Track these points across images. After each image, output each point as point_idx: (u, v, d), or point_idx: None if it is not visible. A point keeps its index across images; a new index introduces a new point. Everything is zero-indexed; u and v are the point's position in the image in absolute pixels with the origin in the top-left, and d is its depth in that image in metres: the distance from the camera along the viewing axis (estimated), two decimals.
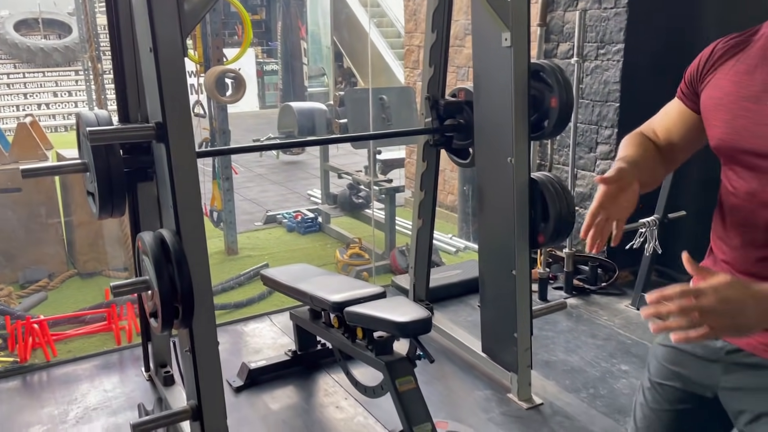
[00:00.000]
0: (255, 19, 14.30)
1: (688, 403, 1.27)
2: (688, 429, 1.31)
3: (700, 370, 1.23)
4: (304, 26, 11.11)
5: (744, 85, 1.12)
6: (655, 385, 1.32)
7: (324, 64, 12.87)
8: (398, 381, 2.12)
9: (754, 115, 1.09)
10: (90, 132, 1.75)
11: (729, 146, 1.15)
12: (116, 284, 1.80)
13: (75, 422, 2.49)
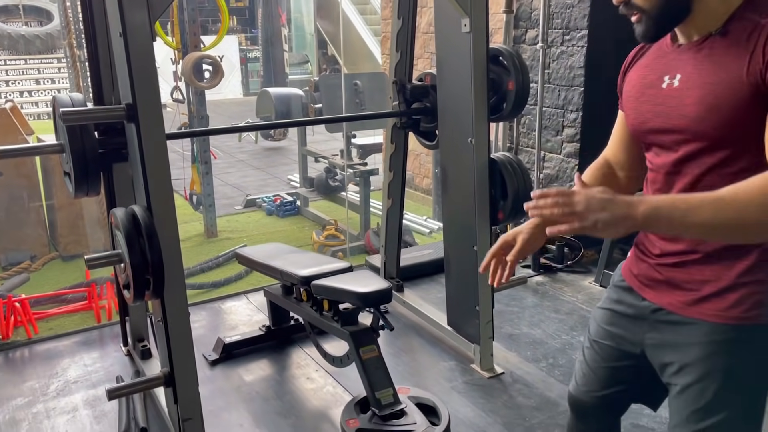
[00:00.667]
0: (238, 6, 14.32)
1: (621, 360, 1.41)
2: (621, 383, 1.44)
3: (630, 329, 1.36)
4: (285, 14, 11.13)
5: (645, 75, 1.28)
6: (593, 344, 1.46)
7: (307, 51, 12.94)
8: (362, 350, 2.24)
9: (653, 98, 1.24)
10: (63, 113, 1.84)
11: (639, 129, 1.29)
12: (90, 257, 1.90)
13: (56, 395, 2.59)
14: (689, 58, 1.19)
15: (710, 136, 1.15)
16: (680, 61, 1.21)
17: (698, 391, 1.23)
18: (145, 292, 1.89)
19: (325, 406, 2.49)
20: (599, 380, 1.47)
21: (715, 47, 1.15)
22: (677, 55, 1.22)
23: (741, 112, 1.10)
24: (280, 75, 9.74)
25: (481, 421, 2.37)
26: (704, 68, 1.15)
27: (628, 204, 1.03)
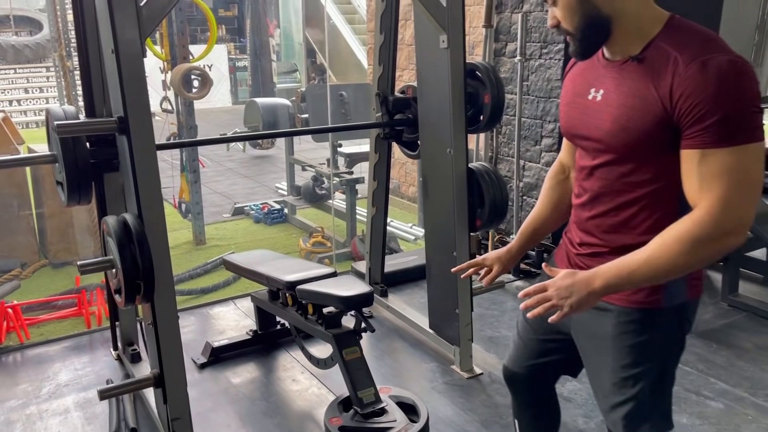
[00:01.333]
0: (227, 15, 14.41)
1: (549, 335, 1.58)
2: (548, 354, 1.62)
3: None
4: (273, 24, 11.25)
5: (576, 84, 1.43)
6: (527, 319, 1.62)
7: (296, 61, 13.05)
8: (345, 351, 2.34)
9: (580, 107, 1.39)
10: (57, 125, 1.94)
11: (568, 132, 1.46)
12: (83, 262, 1.99)
13: (47, 397, 2.67)
14: (612, 75, 1.32)
15: (619, 150, 1.30)
16: (605, 77, 1.34)
17: (613, 367, 1.40)
18: (136, 296, 1.97)
19: (309, 407, 2.58)
20: (530, 352, 1.65)
21: (632, 71, 1.27)
22: (604, 70, 1.35)
23: (647, 136, 1.24)
24: (268, 84, 9.83)
25: (459, 420, 2.47)
26: (622, 89, 1.28)
27: (586, 284, 1.24)
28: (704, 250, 1.19)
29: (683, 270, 1.23)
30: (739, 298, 3.38)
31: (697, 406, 2.52)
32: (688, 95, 1.17)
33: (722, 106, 1.15)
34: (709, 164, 1.18)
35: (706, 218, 1.17)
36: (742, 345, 3.00)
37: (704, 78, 1.16)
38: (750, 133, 1.17)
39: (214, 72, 13.84)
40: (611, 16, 1.27)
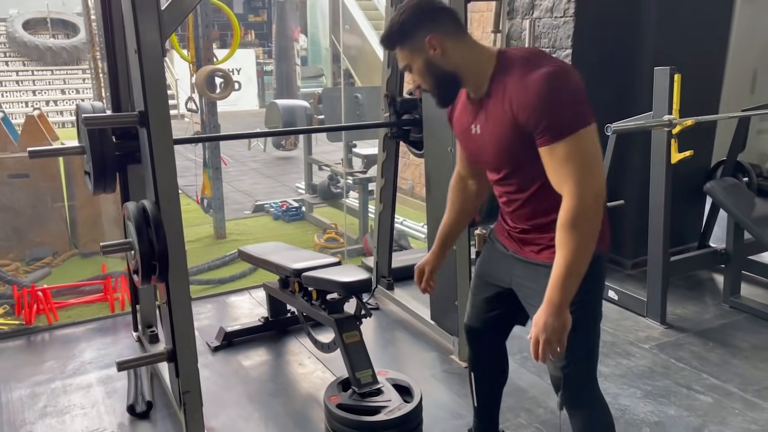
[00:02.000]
0: (256, 21, 14.73)
1: (496, 290, 1.88)
2: (498, 307, 1.91)
3: (501, 268, 1.84)
4: (298, 29, 11.50)
5: (461, 122, 1.73)
6: (478, 279, 1.96)
7: (322, 65, 13.28)
8: (345, 335, 2.48)
9: (470, 140, 1.71)
10: (85, 118, 2.13)
11: (470, 159, 1.84)
12: (105, 243, 2.18)
13: (72, 373, 2.87)
14: (480, 112, 1.63)
15: (507, 166, 1.65)
16: (476, 114, 1.65)
17: None
18: (152, 276, 2.15)
19: (313, 388, 2.73)
20: (483, 306, 1.94)
21: (489, 105, 1.59)
22: (474, 107, 1.65)
23: (518, 149, 1.57)
24: (293, 88, 10.05)
25: (454, 404, 2.60)
26: (489, 122, 1.60)
27: (552, 314, 1.51)
28: (586, 225, 1.49)
29: (588, 244, 1.50)
30: (740, 299, 3.44)
31: (686, 400, 2.61)
32: (522, 109, 1.49)
33: (546, 111, 1.46)
34: (556, 156, 1.49)
35: (572, 202, 1.48)
36: (738, 344, 3.07)
37: (526, 93, 1.48)
38: (577, 123, 1.47)
39: (242, 76, 14.19)
40: (456, 71, 1.59)
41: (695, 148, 4.02)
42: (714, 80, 4.07)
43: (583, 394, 1.78)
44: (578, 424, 1.81)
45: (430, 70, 1.59)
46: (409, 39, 1.60)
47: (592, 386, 1.80)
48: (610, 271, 3.97)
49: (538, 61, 1.52)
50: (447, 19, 1.60)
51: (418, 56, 1.59)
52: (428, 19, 1.58)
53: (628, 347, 3.04)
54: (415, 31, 1.59)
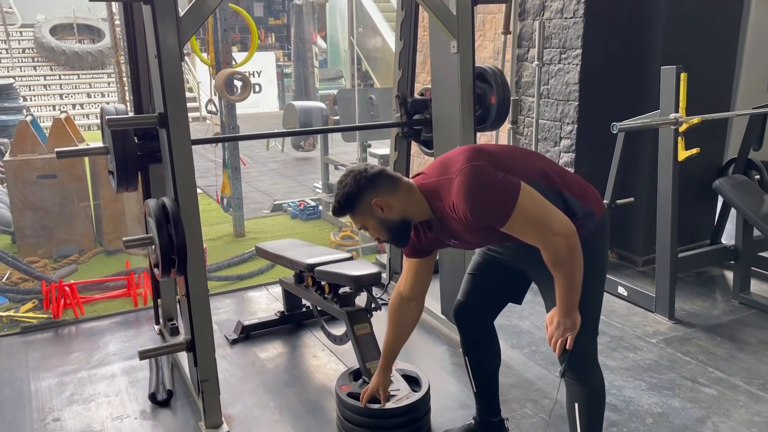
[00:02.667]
0: (276, 24, 14.92)
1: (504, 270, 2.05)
2: (500, 285, 2.10)
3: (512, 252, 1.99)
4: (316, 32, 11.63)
5: (432, 240, 1.95)
6: (484, 258, 2.11)
7: (342, 67, 13.41)
8: (356, 327, 2.58)
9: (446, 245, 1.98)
10: (108, 120, 2.26)
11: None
12: (128, 239, 2.30)
13: (97, 364, 3.01)
14: (444, 233, 1.89)
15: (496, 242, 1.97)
16: (443, 235, 1.91)
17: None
18: (171, 270, 2.27)
19: (326, 379, 2.83)
20: (486, 284, 2.10)
21: (446, 224, 1.84)
22: (437, 233, 1.91)
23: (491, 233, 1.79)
24: (311, 90, 10.19)
25: (462, 396, 2.68)
26: (457, 235, 1.86)
27: (565, 313, 1.78)
28: (566, 260, 1.72)
29: (574, 269, 1.74)
30: (750, 296, 3.46)
31: (690, 392, 2.66)
32: (468, 220, 1.72)
33: (482, 215, 1.71)
34: (514, 230, 1.74)
35: (546, 252, 1.74)
36: (746, 339, 3.10)
37: (461, 212, 1.72)
38: (509, 204, 1.69)
39: (262, 78, 14.41)
40: (403, 218, 1.83)
41: (706, 146, 4.05)
42: (724, 78, 4.09)
43: (585, 363, 1.92)
44: (576, 391, 1.91)
45: (383, 225, 1.83)
46: (358, 206, 1.82)
47: (593, 356, 1.94)
48: (621, 268, 4.02)
49: (444, 179, 1.77)
50: (383, 180, 1.83)
51: (370, 218, 1.83)
52: (369, 187, 1.81)
53: (636, 341, 3.09)
54: (361, 199, 1.81)
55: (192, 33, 2.30)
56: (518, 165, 1.81)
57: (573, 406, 1.94)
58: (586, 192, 1.87)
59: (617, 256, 4.17)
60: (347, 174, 1.85)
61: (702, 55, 3.85)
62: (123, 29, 5.11)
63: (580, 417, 1.93)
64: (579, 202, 1.82)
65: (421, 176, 1.89)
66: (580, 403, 1.93)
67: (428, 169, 1.89)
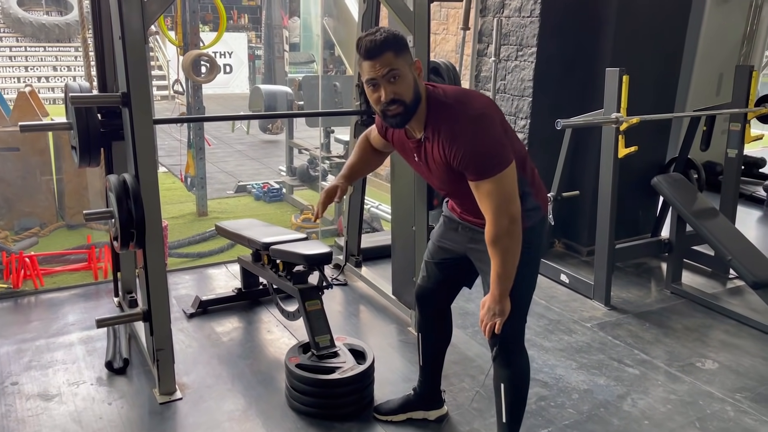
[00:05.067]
0: (250, 5, 14.84)
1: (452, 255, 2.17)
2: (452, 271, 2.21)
3: (456, 237, 2.12)
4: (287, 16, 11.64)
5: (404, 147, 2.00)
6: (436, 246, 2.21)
7: (314, 51, 13.43)
8: (307, 303, 2.73)
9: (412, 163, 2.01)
10: (72, 97, 2.35)
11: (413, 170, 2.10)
12: (88, 212, 2.40)
13: (55, 333, 3.10)
14: (419, 150, 1.92)
15: (447, 190, 2.01)
16: (415, 150, 1.94)
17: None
18: (130, 243, 2.38)
19: (278, 353, 2.97)
20: (437, 269, 2.23)
21: (427, 147, 1.87)
22: (411, 145, 1.94)
23: (454, 179, 1.86)
24: (280, 73, 10.24)
25: (406, 370, 2.85)
26: (429, 160, 1.89)
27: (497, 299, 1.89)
28: (505, 241, 1.82)
29: (511, 254, 1.84)
30: (681, 286, 3.71)
31: (615, 371, 2.87)
32: (453, 156, 1.78)
33: (471, 158, 1.76)
34: (480, 190, 1.80)
35: (491, 226, 1.81)
36: (672, 326, 3.34)
37: (455, 142, 1.76)
38: (497, 166, 1.76)
39: (233, 59, 14.36)
40: (419, 100, 1.80)
41: (652, 145, 4.30)
42: (670, 81, 4.31)
43: (514, 348, 2.07)
44: (503, 373, 2.08)
45: (413, 88, 1.78)
46: (406, 52, 1.79)
47: (519, 342, 2.10)
48: (566, 257, 4.24)
49: (463, 107, 1.79)
50: None
51: (409, 71, 1.77)
52: (408, 48, 1.81)
53: (572, 325, 3.30)
54: (407, 50, 1.79)
55: (157, 16, 2.39)
56: (514, 143, 1.90)
57: (499, 387, 2.09)
58: (539, 189, 2.02)
59: (563, 246, 4.39)
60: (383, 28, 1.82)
61: (649, 58, 4.06)
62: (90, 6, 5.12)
63: (505, 397, 2.08)
64: (532, 196, 1.96)
65: (431, 86, 1.87)
66: (505, 384, 2.08)
67: (445, 86, 1.91)
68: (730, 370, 2.91)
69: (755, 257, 3.40)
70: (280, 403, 2.57)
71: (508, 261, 1.84)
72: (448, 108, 1.80)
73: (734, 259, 3.34)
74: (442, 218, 2.22)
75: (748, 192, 5.71)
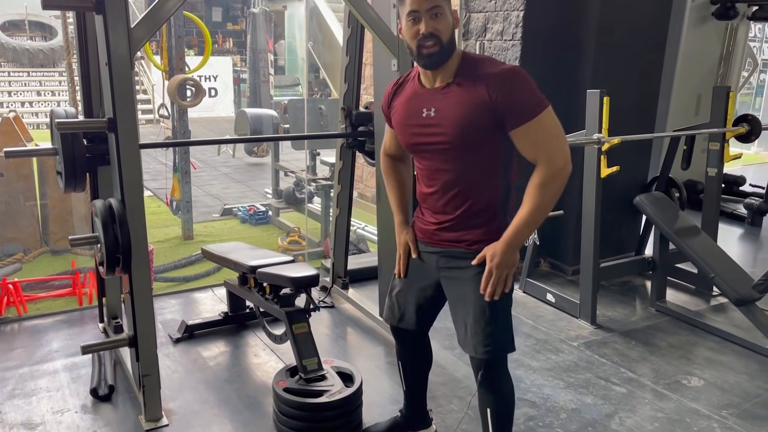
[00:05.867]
0: (235, 29, 14.95)
1: (425, 283, 2.11)
2: (425, 301, 2.13)
3: (427, 267, 2.06)
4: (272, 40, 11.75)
5: (407, 108, 1.95)
6: (407, 280, 2.16)
7: (299, 75, 13.53)
8: (294, 326, 2.72)
9: (418, 123, 1.92)
10: (58, 123, 2.35)
11: (409, 145, 1.98)
12: (73, 237, 2.39)
13: (39, 360, 3.06)
14: (438, 98, 1.88)
15: (461, 145, 1.85)
16: (432, 100, 1.89)
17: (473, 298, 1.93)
18: (116, 268, 2.37)
19: (266, 377, 2.95)
20: (412, 310, 2.16)
21: (454, 91, 1.85)
22: (428, 95, 1.90)
23: (481, 125, 1.81)
24: (265, 97, 10.31)
25: (394, 392, 2.84)
26: (451, 104, 1.85)
27: (505, 249, 1.83)
28: (555, 184, 1.79)
29: (551, 202, 1.81)
30: (666, 304, 3.74)
31: (603, 390, 2.89)
32: (501, 94, 1.76)
33: (522, 96, 1.77)
34: (532, 133, 1.79)
35: (546, 165, 1.78)
36: (657, 343, 3.37)
37: (503, 81, 1.77)
38: (542, 103, 1.79)
39: (218, 83, 14.40)
40: (453, 47, 1.84)
41: (634, 165, 4.36)
42: (650, 102, 4.39)
43: (499, 372, 2.05)
44: (491, 398, 2.07)
45: (451, 30, 1.83)
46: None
47: (505, 365, 2.08)
48: (552, 276, 4.27)
49: (498, 62, 1.85)
50: None
51: (449, 15, 1.82)
52: None
53: (559, 344, 3.32)
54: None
55: (143, 42, 2.41)
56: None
57: (485, 411, 2.08)
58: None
59: (549, 266, 4.42)
60: None
61: (629, 80, 4.15)
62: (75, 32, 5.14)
63: (491, 421, 2.07)
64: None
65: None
66: (491, 409, 2.07)
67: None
68: (716, 386, 2.93)
69: (737, 274, 3.44)
70: (268, 428, 2.54)
71: (545, 207, 1.80)
72: (483, 60, 1.86)
73: (717, 276, 3.38)
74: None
75: (729, 210, 5.80)
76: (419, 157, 1.98)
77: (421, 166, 1.98)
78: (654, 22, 4.26)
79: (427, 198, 2.01)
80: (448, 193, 1.93)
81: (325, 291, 3.83)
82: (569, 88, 4.09)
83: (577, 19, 4.04)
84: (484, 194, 1.90)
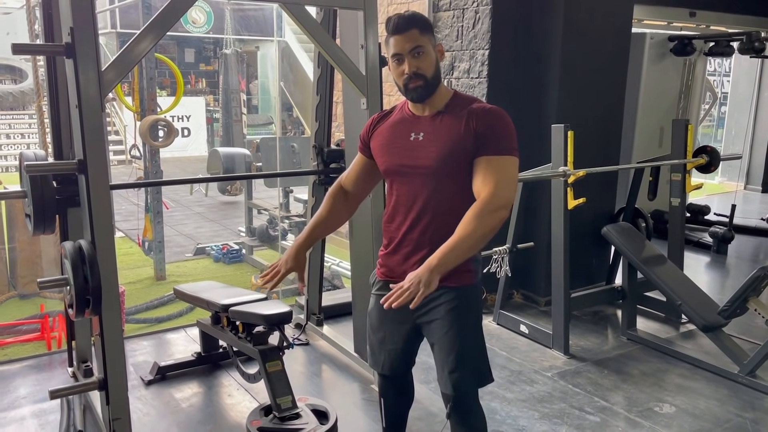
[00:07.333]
0: (207, 69, 15.07)
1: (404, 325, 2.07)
2: (406, 341, 2.12)
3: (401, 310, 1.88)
4: (244, 80, 11.88)
5: (393, 133, 2.03)
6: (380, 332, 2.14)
7: (272, 113, 13.64)
8: (268, 364, 2.71)
9: (403, 146, 1.99)
10: (27, 166, 2.35)
11: (392, 166, 2.00)
12: (42, 279, 2.37)
13: (6, 407, 2.98)
14: (427, 124, 1.97)
15: (443, 170, 1.92)
16: (421, 126, 1.98)
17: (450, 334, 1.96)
18: (86, 310, 2.34)
19: (240, 417, 2.92)
20: (400, 348, 2.14)
21: (443, 120, 1.94)
22: (418, 121, 1.99)
23: (463, 153, 1.89)
24: (238, 135, 10.38)
25: (370, 428, 2.83)
26: (440, 131, 1.94)
27: (427, 267, 1.75)
28: (490, 219, 1.79)
29: (484, 236, 1.80)
30: (636, 332, 3.80)
31: (577, 419, 2.91)
32: (484, 124, 1.88)
33: (500, 132, 1.88)
34: (491, 165, 1.86)
35: (488, 197, 1.81)
36: (629, 372, 3.41)
37: (489, 117, 1.89)
38: (514, 150, 1.90)
39: (191, 122, 14.42)
40: (439, 80, 1.96)
41: (601, 196, 4.47)
42: (614, 135, 4.53)
43: (470, 403, 2.07)
44: (463, 430, 2.08)
45: (435, 66, 1.93)
46: (431, 34, 1.95)
47: (476, 396, 2.10)
48: (525, 308, 4.31)
49: (487, 103, 1.97)
50: None
51: (432, 51, 1.93)
52: (433, 31, 1.97)
53: (533, 375, 3.34)
54: (432, 32, 1.96)
55: (114, 85, 2.44)
56: None
57: None
58: None
59: (522, 297, 4.47)
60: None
61: (593, 114, 4.28)
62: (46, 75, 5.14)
63: None
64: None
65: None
66: None
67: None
68: (687, 413, 2.98)
69: (704, 301, 3.52)
70: None
71: (476, 239, 1.79)
72: (473, 99, 1.98)
73: (684, 303, 3.46)
74: (374, 297, 2.12)
75: (695, 238, 5.94)
76: (398, 181, 2.00)
77: (399, 192, 2.00)
78: (615, 58, 4.42)
79: (391, 224, 2.03)
80: (422, 220, 1.96)
81: (300, 328, 3.82)
82: (535, 122, 4.20)
83: (540, 56, 4.18)
84: (457, 222, 1.87)
